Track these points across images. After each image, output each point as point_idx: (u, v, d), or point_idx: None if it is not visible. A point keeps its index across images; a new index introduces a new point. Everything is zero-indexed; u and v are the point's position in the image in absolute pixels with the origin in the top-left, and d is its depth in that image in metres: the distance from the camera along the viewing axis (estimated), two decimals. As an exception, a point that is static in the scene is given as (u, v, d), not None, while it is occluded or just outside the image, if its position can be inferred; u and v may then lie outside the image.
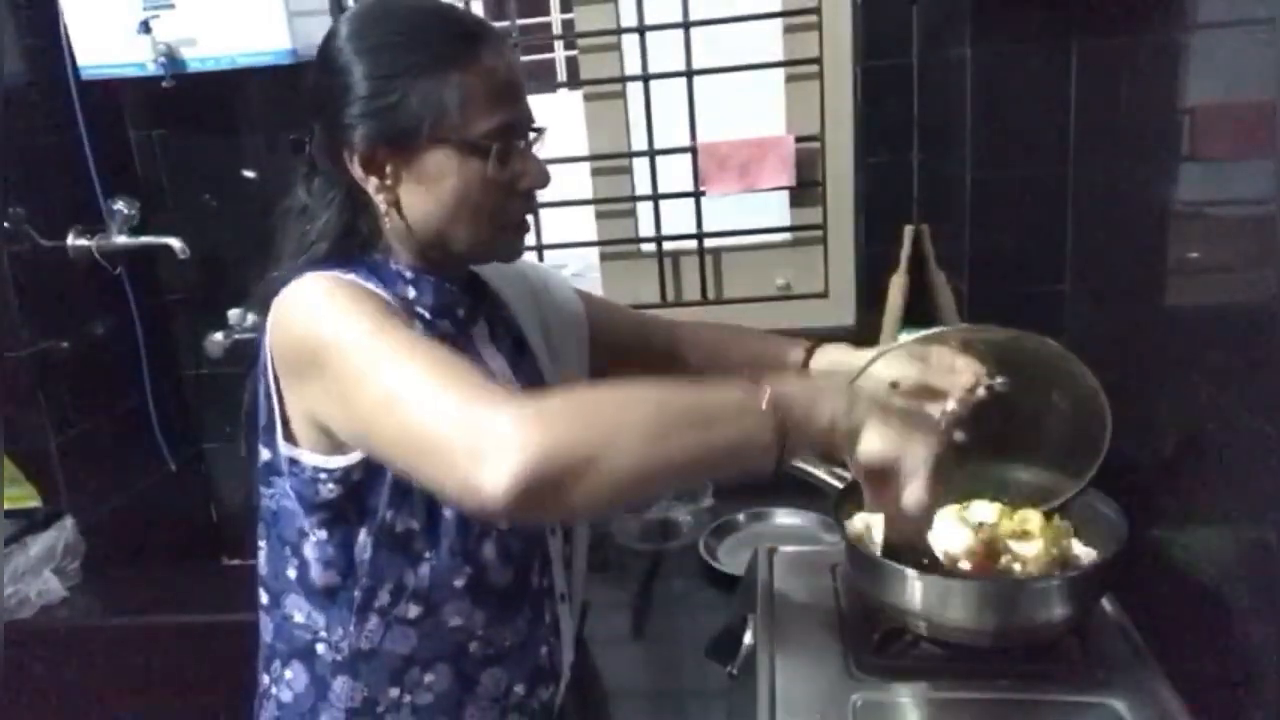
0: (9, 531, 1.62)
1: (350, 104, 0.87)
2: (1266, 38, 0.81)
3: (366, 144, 0.88)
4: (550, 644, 1.02)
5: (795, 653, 0.98)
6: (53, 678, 1.62)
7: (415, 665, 0.94)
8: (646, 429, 0.71)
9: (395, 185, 0.89)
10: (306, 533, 0.92)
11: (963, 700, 0.90)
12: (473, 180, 0.88)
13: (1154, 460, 1.07)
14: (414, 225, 0.91)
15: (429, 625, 0.93)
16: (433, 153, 0.87)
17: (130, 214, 1.82)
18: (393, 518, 0.90)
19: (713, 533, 1.64)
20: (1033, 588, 0.91)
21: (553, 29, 7.04)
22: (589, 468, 0.68)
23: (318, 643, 0.95)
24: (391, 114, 0.86)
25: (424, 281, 0.94)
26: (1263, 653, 0.86)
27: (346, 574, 0.92)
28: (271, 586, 0.97)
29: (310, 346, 0.82)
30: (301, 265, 0.89)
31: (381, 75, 0.86)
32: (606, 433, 0.70)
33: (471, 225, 0.91)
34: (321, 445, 0.88)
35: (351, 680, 0.94)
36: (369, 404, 0.77)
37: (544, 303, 1.10)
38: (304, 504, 0.91)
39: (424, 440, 0.72)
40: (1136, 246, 1.12)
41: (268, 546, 0.97)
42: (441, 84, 0.86)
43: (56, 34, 1.68)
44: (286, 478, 0.91)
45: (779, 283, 1.89)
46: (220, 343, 1.89)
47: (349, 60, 0.88)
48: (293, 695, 0.97)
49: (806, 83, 1.77)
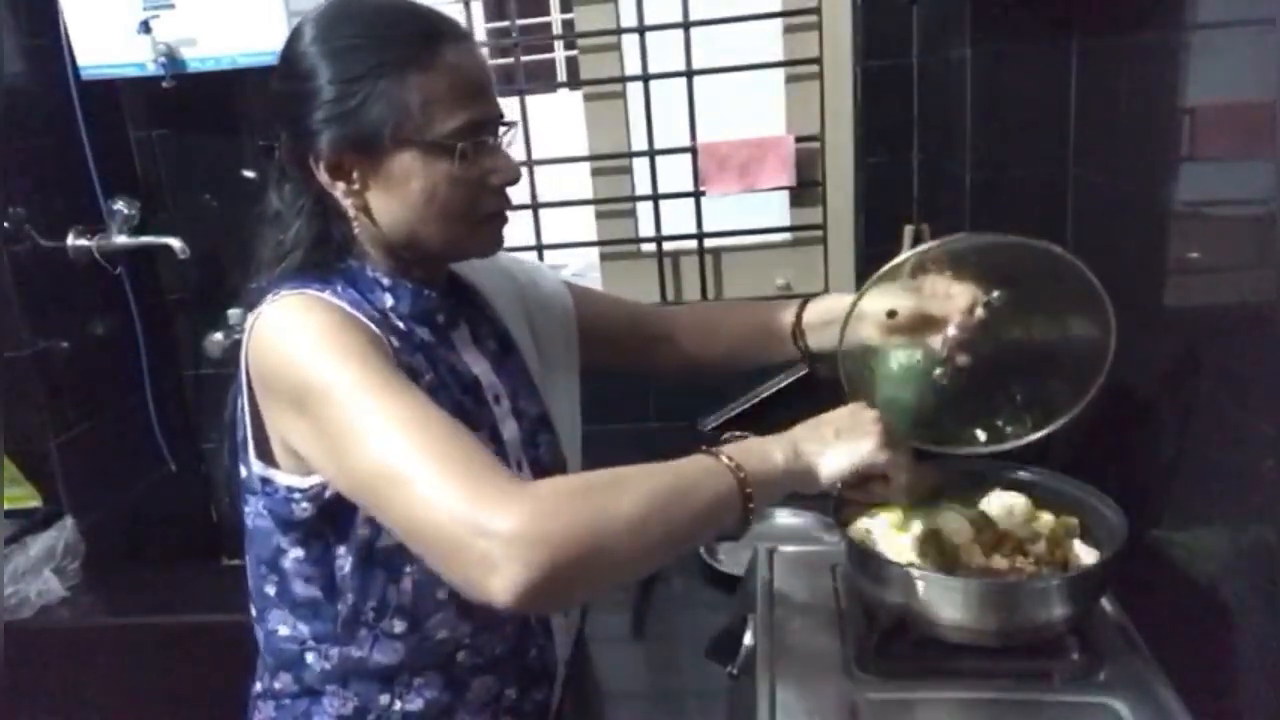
0: (9, 531, 1.62)
1: (315, 109, 0.86)
2: (1266, 38, 0.81)
3: (332, 149, 0.86)
4: (541, 645, 1.01)
5: (795, 653, 0.98)
6: (53, 678, 1.62)
7: (405, 673, 0.94)
8: (637, 514, 0.72)
9: (363, 190, 0.88)
10: (285, 550, 0.91)
11: (963, 700, 0.90)
12: (440, 180, 0.87)
13: (1154, 460, 1.07)
14: (385, 229, 0.90)
15: (415, 639, 0.93)
16: (398, 155, 0.86)
17: (130, 214, 1.82)
18: (371, 534, 0.89)
19: (713, 533, 1.63)
20: (1033, 588, 0.90)
21: (553, 29, 7.04)
22: (591, 565, 0.70)
23: (306, 653, 0.94)
24: (354, 118, 0.85)
25: (401, 289, 0.93)
26: (1262, 653, 0.86)
27: (329, 590, 0.91)
28: (256, 602, 0.97)
29: (292, 384, 0.80)
30: (278, 277, 0.89)
31: (344, 79, 0.85)
32: (604, 527, 0.71)
33: (443, 225, 0.89)
34: (294, 466, 0.86)
35: (342, 689, 0.94)
36: (366, 471, 0.76)
37: (530, 299, 1.09)
38: (279, 523, 0.90)
39: (429, 532, 0.72)
40: (1136, 246, 1.12)
41: (249, 562, 0.96)
42: (401, 85, 0.84)
43: (56, 34, 1.68)
44: (260, 496, 0.90)
45: (779, 283, 1.90)
46: (220, 343, 1.89)
47: (313, 64, 0.86)
48: (287, 702, 0.97)
49: (806, 83, 1.77)
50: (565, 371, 1.11)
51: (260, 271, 0.91)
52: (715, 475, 0.79)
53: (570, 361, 1.12)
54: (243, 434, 0.90)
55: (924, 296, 0.98)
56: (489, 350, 1.01)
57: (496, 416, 0.97)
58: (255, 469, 0.89)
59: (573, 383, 1.13)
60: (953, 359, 0.97)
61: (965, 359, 0.97)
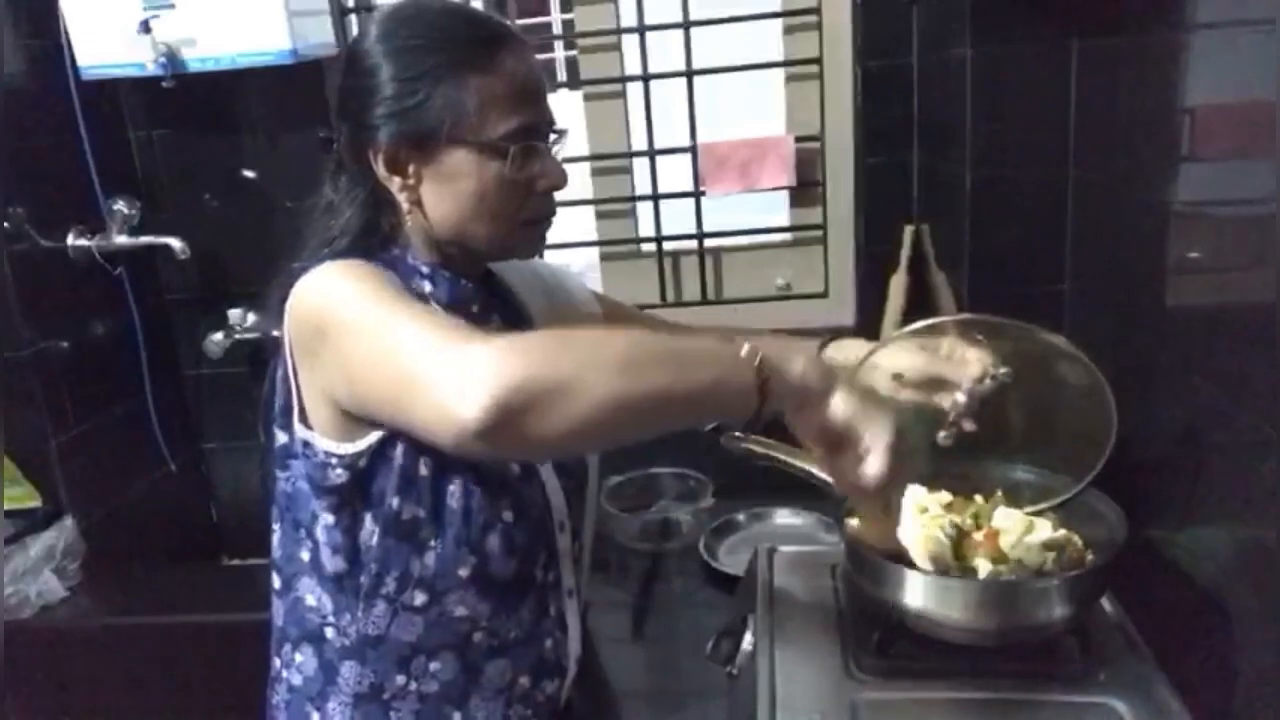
0: (9, 531, 1.62)
1: (376, 104, 0.90)
2: (1266, 38, 0.81)
3: (390, 144, 0.90)
4: (556, 638, 1.02)
5: (795, 653, 0.98)
6: (53, 678, 1.62)
7: (421, 653, 0.95)
8: (620, 362, 0.73)
9: (418, 185, 0.92)
10: (317, 515, 0.93)
11: (963, 700, 0.90)
12: (490, 181, 0.90)
13: (1154, 460, 1.07)
14: (435, 223, 0.93)
15: (434, 614, 0.94)
16: (452, 153, 0.90)
17: (130, 214, 1.82)
18: (399, 505, 0.90)
19: (713, 533, 1.64)
20: (1033, 588, 0.91)
21: (553, 29, 7.04)
22: (561, 396, 0.70)
23: (326, 627, 0.96)
24: (414, 115, 0.89)
25: (440, 277, 0.96)
26: (1262, 653, 0.86)
27: (353, 560, 0.93)
28: (284, 570, 0.98)
29: (319, 317, 0.85)
30: (322, 257, 0.91)
31: (406, 77, 0.89)
32: (580, 363, 0.72)
33: (490, 224, 0.93)
34: (334, 430, 0.89)
35: (359, 665, 0.95)
36: (364, 359, 0.80)
37: (559, 302, 1.11)
38: (314, 488, 0.92)
39: (409, 380, 0.75)
40: (1136, 246, 1.12)
41: (281, 530, 0.98)
42: (461, 86, 0.88)
43: (56, 34, 1.68)
44: (301, 460, 0.92)
45: (779, 283, 1.89)
46: (220, 343, 1.89)
47: (376, 61, 0.90)
48: (302, 679, 0.98)
49: (806, 83, 1.77)
50: None
51: (307, 253, 0.93)
52: (727, 359, 0.77)
53: None
54: (284, 401, 0.92)
55: (938, 359, 0.99)
56: None
57: None
58: (298, 433, 0.91)
59: None
60: (958, 424, 0.97)
61: (971, 425, 0.97)
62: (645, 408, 0.75)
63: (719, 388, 0.76)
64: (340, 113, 0.95)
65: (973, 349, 0.98)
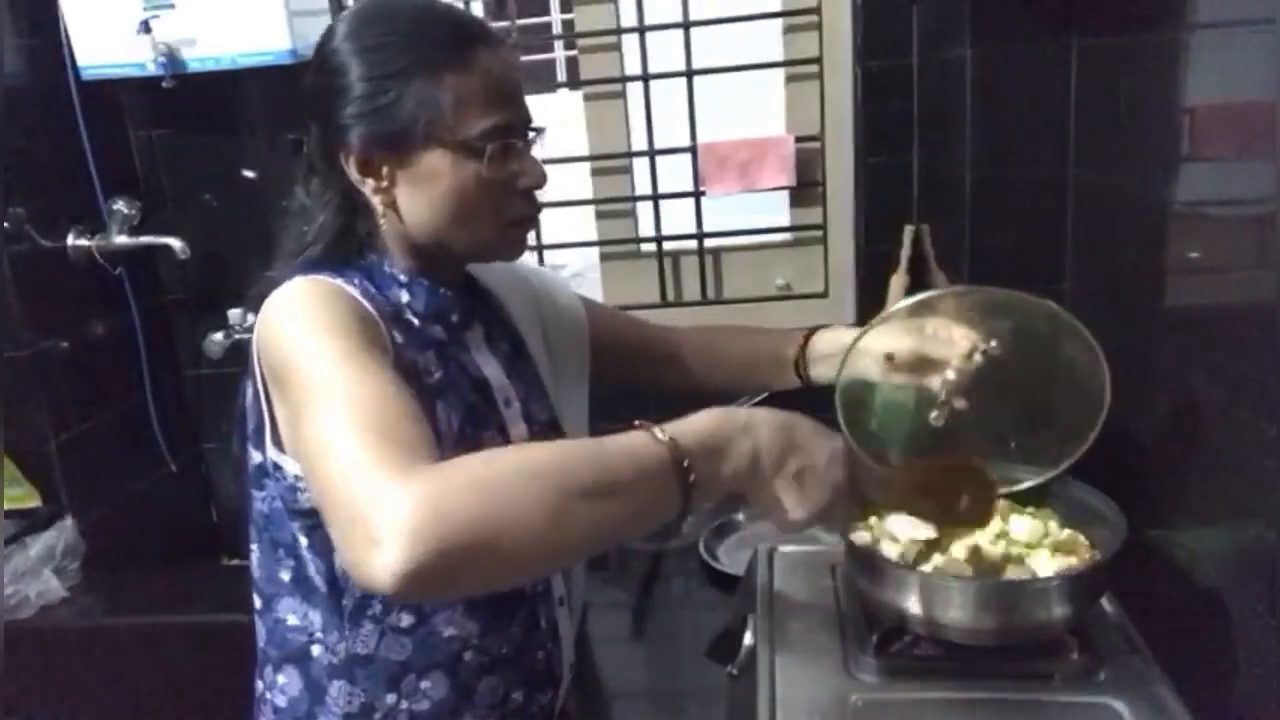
0: (9, 531, 1.62)
1: (346, 105, 0.87)
2: (1266, 38, 0.81)
3: (362, 145, 0.87)
4: (547, 649, 1.01)
5: (795, 653, 0.98)
6: (53, 678, 1.62)
7: (411, 673, 0.94)
8: (547, 508, 0.67)
9: (391, 187, 0.89)
10: (297, 537, 0.92)
11: (963, 700, 0.90)
12: (468, 181, 0.88)
13: (1154, 460, 1.07)
14: (411, 227, 0.91)
15: (422, 634, 0.93)
16: (428, 154, 0.87)
17: (130, 214, 1.82)
18: None
19: (713, 533, 1.64)
20: (1033, 588, 0.91)
21: (553, 29, 7.04)
22: (486, 553, 0.65)
23: (313, 645, 0.94)
24: (386, 115, 0.86)
25: (418, 285, 0.93)
26: (1262, 653, 0.86)
27: (335, 581, 0.91)
28: (264, 590, 0.96)
29: (280, 361, 0.81)
30: (296, 266, 0.89)
31: (377, 76, 0.86)
32: (506, 516, 0.66)
33: (469, 226, 0.90)
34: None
35: (349, 685, 0.94)
36: (304, 439, 0.75)
37: (545, 307, 1.10)
38: (288, 510, 0.91)
39: (332, 501, 0.69)
40: (1136, 246, 1.12)
41: (260, 550, 0.96)
42: (435, 85, 0.85)
43: (56, 34, 1.68)
44: (273, 481, 0.91)
45: (779, 283, 1.89)
46: (220, 343, 1.89)
47: (345, 60, 0.87)
48: (287, 700, 0.96)
49: (806, 83, 1.77)
50: (576, 380, 1.12)
51: (281, 262, 0.92)
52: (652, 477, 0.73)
53: (581, 372, 1.13)
54: (255, 421, 0.90)
55: (925, 338, 0.99)
56: (501, 353, 1.01)
57: (506, 418, 0.98)
58: (270, 454, 0.89)
59: (582, 392, 1.14)
60: (950, 402, 0.98)
61: (963, 403, 0.97)
62: (574, 549, 0.73)
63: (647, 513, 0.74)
64: (309, 114, 0.92)
65: (959, 326, 0.98)
